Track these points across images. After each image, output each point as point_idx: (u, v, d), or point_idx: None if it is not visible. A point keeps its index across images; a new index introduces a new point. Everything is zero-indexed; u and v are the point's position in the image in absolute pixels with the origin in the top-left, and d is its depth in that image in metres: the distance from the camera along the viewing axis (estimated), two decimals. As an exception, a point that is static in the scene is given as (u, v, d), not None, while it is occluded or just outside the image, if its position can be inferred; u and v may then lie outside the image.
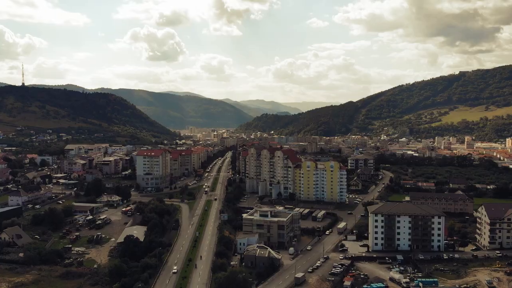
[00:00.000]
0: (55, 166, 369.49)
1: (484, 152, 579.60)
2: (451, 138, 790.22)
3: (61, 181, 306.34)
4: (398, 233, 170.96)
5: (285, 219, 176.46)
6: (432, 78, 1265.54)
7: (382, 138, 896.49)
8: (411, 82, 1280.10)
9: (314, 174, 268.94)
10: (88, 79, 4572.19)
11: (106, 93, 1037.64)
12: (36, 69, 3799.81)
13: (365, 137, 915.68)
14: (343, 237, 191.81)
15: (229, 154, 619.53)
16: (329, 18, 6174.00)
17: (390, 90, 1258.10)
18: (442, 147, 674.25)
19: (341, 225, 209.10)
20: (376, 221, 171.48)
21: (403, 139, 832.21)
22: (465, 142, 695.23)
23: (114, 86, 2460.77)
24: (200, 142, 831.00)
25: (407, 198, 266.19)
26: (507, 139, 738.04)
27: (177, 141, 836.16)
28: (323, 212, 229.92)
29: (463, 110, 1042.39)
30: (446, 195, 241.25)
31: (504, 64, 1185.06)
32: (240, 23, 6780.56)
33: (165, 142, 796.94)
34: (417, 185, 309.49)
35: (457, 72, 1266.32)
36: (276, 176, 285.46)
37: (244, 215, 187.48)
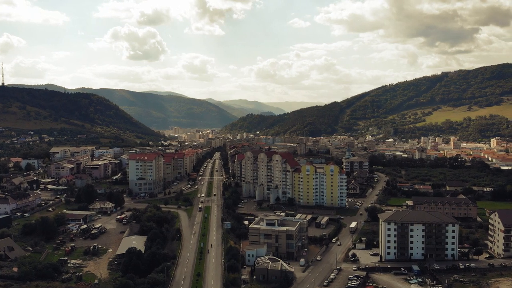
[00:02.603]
0: (41, 171, 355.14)
1: (472, 153, 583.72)
2: (436, 138, 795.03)
3: (50, 186, 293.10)
4: (411, 242, 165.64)
5: (294, 228, 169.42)
6: (415, 79, 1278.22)
7: (367, 138, 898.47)
8: (394, 83, 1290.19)
9: (313, 179, 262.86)
10: (68, 78, 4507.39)
11: (89, 93, 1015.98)
12: (14, 69, 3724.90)
13: (351, 138, 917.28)
14: (352, 245, 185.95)
15: (217, 156, 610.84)
16: (311, 19, 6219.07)
17: (374, 91, 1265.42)
18: (429, 148, 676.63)
19: (353, 224, 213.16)
20: (389, 229, 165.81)
21: (390, 139, 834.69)
22: (452, 143, 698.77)
23: (95, 86, 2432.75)
24: (186, 143, 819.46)
25: (408, 202, 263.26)
26: (492, 139, 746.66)
27: (162, 142, 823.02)
28: (326, 218, 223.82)
29: (446, 110, 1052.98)
30: (450, 200, 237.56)
31: (485, 65, 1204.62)
32: (222, 22, 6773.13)
33: (150, 143, 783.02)
34: (415, 188, 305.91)
35: (439, 73, 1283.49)
36: (274, 180, 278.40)
37: (251, 225, 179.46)
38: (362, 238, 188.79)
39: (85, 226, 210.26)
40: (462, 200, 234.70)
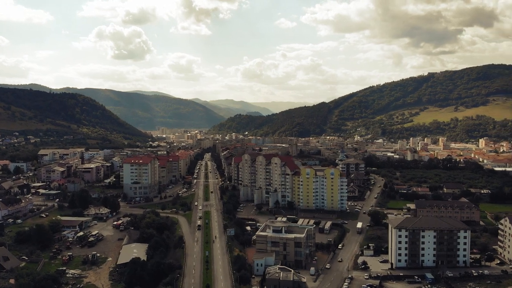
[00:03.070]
0: (31, 174, 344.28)
1: (462, 154, 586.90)
2: (425, 139, 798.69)
3: (41, 191, 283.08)
4: (423, 249, 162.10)
5: (302, 236, 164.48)
6: (402, 79, 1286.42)
7: (356, 138, 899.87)
8: (381, 84, 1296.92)
9: (313, 182, 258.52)
10: (52, 78, 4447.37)
11: (74, 93, 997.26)
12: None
13: (340, 138, 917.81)
14: (359, 251, 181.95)
15: (207, 157, 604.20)
16: (297, 19, 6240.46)
17: (361, 91, 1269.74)
18: (419, 149, 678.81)
19: (359, 224, 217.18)
20: (400, 236, 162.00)
21: (380, 140, 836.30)
22: (442, 144, 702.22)
23: (79, 86, 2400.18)
24: (175, 144, 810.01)
25: (409, 205, 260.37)
26: (480, 140, 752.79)
27: (151, 143, 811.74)
28: (329, 223, 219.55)
29: (433, 111, 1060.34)
30: (452, 203, 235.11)
31: (468, 65, 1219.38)
32: (208, 22, 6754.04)
33: (138, 144, 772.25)
34: (413, 191, 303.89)
35: (425, 73, 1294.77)
36: (273, 184, 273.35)
37: (257, 232, 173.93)
38: (370, 244, 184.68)
39: (81, 233, 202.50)
40: (465, 204, 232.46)
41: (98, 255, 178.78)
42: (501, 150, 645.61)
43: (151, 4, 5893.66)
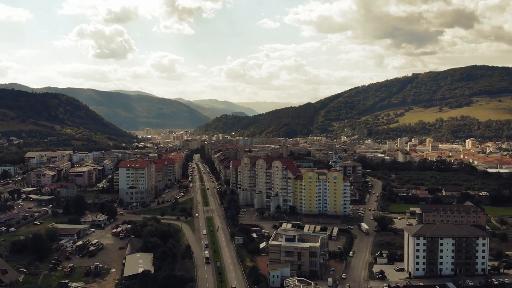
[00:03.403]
0: (19, 178, 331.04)
1: (451, 154, 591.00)
2: (413, 139, 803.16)
3: (32, 196, 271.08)
4: (441, 257, 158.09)
5: (318, 245, 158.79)
6: (387, 80, 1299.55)
7: (343, 139, 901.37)
8: (366, 84, 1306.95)
9: (316, 186, 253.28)
10: (32, 77, 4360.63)
11: (57, 93, 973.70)
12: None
13: (327, 139, 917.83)
14: (372, 259, 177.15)
15: (196, 158, 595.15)
16: (280, 19, 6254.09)
17: (347, 92, 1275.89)
18: (408, 149, 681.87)
19: (365, 225, 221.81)
20: (418, 244, 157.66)
21: (368, 141, 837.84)
22: (430, 145, 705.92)
23: (60, 85, 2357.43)
24: (161, 145, 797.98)
25: (412, 209, 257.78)
26: (467, 141, 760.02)
27: (137, 144, 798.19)
28: (337, 229, 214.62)
29: (417, 111, 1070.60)
30: (458, 207, 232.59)
31: (449, 66, 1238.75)
32: (192, 21, 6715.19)
33: (124, 145, 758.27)
34: (413, 194, 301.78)
35: (409, 74, 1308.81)
36: (274, 188, 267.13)
37: (270, 241, 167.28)
38: (383, 252, 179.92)
39: (81, 242, 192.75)
40: (471, 208, 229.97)
41: (100, 266, 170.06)
42: (488, 151, 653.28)
43: (133, 2, 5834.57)
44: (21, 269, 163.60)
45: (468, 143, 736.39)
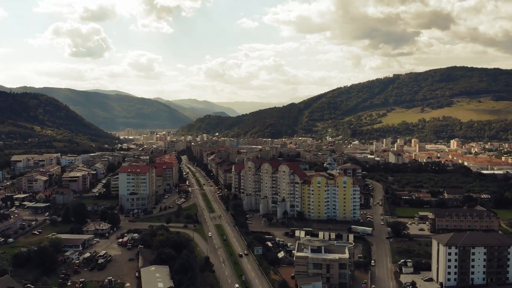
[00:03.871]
0: (8, 183, 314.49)
1: (439, 155, 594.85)
2: (398, 140, 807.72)
3: (27, 203, 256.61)
4: (473, 266, 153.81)
5: (347, 256, 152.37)
6: (368, 81, 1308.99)
7: (327, 139, 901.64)
8: (348, 85, 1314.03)
9: (325, 191, 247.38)
10: (6, 76, 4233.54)
11: (36, 93, 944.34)
12: None
13: (312, 139, 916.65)
14: (396, 268, 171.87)
15: (185, 160, 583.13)
16: (259, 19, 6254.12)
17: (330, 92, 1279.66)
18: (395, 149, 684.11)
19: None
20: (449, 253, 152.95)
21: (356, 142, 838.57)
22: (417, 146, 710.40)
23: (36, 84, 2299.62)
24: (145, 146, 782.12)
25: (421, 213, 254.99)
26: (451, 141, 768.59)
27: (121, 145, 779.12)
28: (352, 236, 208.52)
29: (400, 112, 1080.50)
30: (471, 211, 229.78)
31: (428, 67, 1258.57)
32: (170, 19, 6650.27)
33: (106, 146, 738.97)
34: (417, 197, 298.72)
35: (390, 75, 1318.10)
36: (281, 193, 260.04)
37: (296, 253, 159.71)
38: (407, 261, 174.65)
39: (88, 254, 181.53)
40: (484, 212, 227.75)
41: (113, 279, 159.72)
42: (474, 151, 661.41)
43: (110, 1, 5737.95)
44: (28, 285, 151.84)
45: (453, 143, 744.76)
